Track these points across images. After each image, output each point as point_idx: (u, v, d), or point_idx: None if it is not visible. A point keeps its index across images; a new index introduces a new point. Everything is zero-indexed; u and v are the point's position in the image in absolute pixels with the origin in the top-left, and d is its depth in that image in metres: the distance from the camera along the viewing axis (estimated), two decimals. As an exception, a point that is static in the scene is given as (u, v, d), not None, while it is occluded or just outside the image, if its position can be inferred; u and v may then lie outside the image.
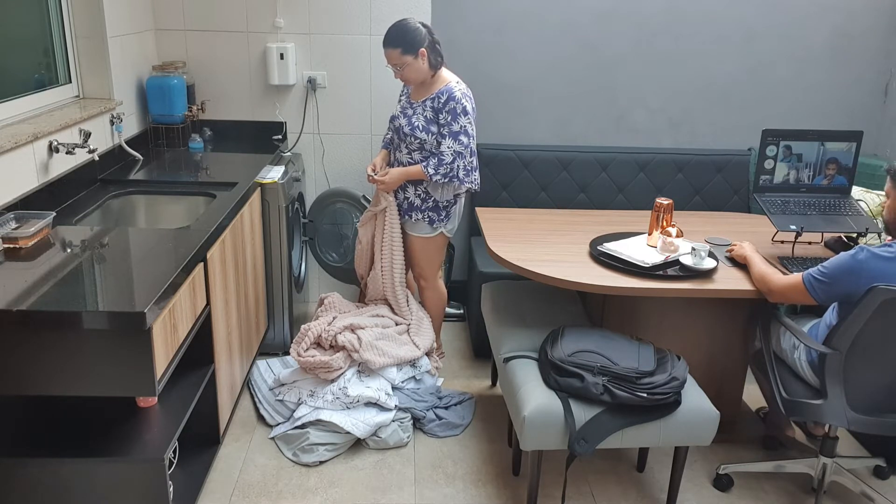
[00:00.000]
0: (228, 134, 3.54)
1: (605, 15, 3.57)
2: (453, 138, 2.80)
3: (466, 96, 2.83)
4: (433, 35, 2.84)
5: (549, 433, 2.18)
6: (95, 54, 2.93)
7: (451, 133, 2.80)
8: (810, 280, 2.20)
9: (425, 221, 2.98)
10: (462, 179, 2.87)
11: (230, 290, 2.55)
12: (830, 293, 2.18)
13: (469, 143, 2.83)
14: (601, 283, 2.38)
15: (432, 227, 2.99)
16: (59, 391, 1.79)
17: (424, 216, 2.97)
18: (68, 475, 1.93)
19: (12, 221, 2.13)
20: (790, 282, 2.27)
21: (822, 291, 2.18)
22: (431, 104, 2.83)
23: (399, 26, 2.78)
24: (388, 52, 2.79)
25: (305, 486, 2.51)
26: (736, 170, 3.66)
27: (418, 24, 2.80)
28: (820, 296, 2.19)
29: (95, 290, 1.81)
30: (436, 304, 3.22)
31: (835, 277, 2.14)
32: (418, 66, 2.80)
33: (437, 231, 3.01)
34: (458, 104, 2.78)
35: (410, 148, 2.92)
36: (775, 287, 2.31)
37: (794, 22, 3.63)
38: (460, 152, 2.81)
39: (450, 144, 2.81)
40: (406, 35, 2.76)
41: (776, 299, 2.34)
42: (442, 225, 3.00)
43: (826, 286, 2.17)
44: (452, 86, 2.82)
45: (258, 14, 3.40)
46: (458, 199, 3.01)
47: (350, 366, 2.78)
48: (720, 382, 2.78)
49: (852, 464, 2.63)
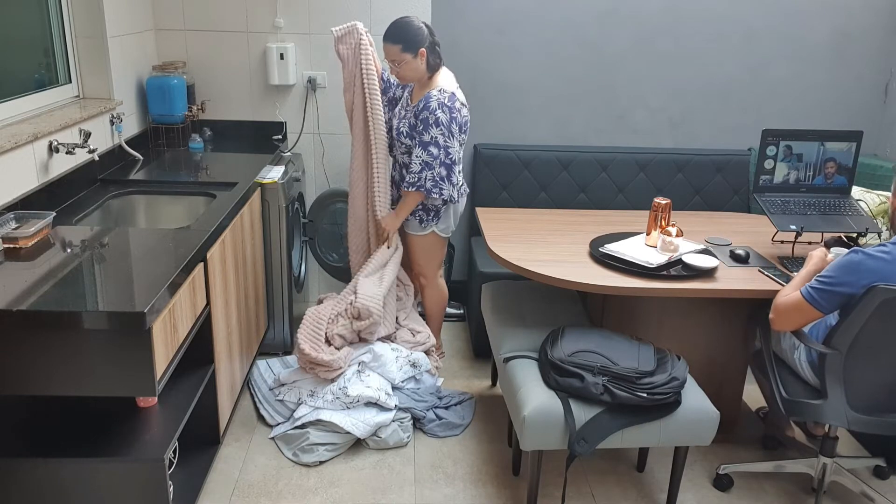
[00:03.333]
0: (228, 134, 3.54)
1: (605, 14, 3.57)
2: (423, 148, 2.79)
3: (445, 106, 2.76)
4: (434, 37, 2.84)
5: (549, 433, 2.18)
6: (95, 54, 2.93)
7: (421, 143, 2.79)
8: (810, 293, 2.15)
9: (416, 220, 2.99)
10: (430, 190, 2.81)
11: (230, 290, 2.55)
12: (833, 300, 2.13)
13: (439, 155, 2.77)
14: (601, 283, 2.38)
15: (421, 225, 2.99)
16: (59, 391, 1.79)
17: (414, 215, 2.98)
18: (68, 475, 1.93)
19: (12, 221, 2.13)
20: (791, 300, 2.20)
21: (824, 300, 2.14)
22: (415, 110, 2.84)
23: (402, 23, 2.78)
24: (387, 48, 2.78)
25: (305, 486, 2.51)
26: (736, 170, 3.66)
27: (421, 23, 2.80)
28: (823, 305, 2.14)
29: (95, 290, 1.81)
30: (436, 303, 3.22)
31: (834, 280, 2.12)
32: (416, 66, 2.80)
33: (427, 230, 3.00)
34: (432, 115, 2.75)
35: (400, 150, 2.95)
36: (780, 307, 2.24)
37: (794, 22, 3.63)
38: (428, 163, 2.78)
39: (418, 154, 2.80)
40: (408, 32, 2.76)
41: (781, 323, 2.25)
42: (432, 224, 2.99)
43: (829, 294, 2.12)
44: (433, 94, 2.79)
45: (258, 14, 3.40)
46: (450, 201, 2.98)
47: (350, 365, 2.79)
48: (720, 382, 2.78)
49: (852, 464, 2.63)
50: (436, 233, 3.02)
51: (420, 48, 2.77)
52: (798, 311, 2.19)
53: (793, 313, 2.21)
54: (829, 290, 2.13)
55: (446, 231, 3.05)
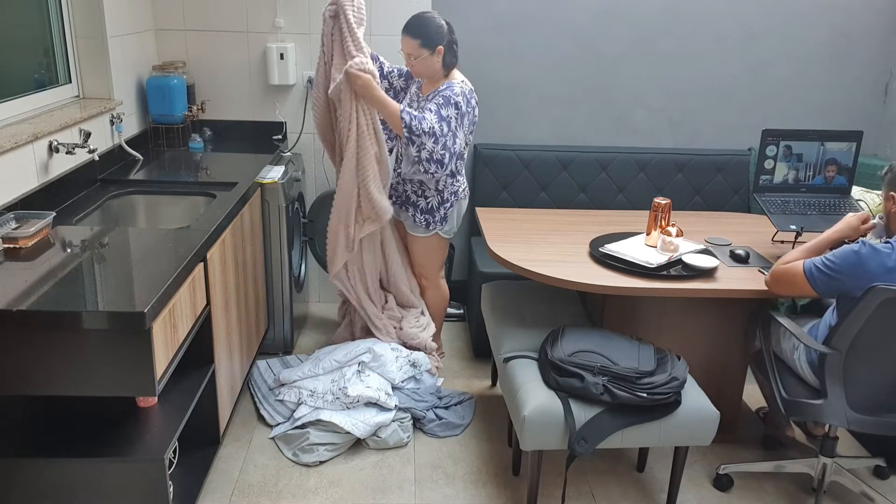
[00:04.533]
0: (228, 134, 3.54)
1: (605, 15, 3.57)
2: (437, 117, 2.68)
3: (464, 95, 2.75)
4: (453, 35, 2.81)
5: (549, 433, 2.18)
6: (95, 54, 2.93)
7: (438, 114, 2.69)
8: (812, 269, 2.15)
9: (422, 225, 2.97)
10: (422, 161, 2.69)
11: (230, 290, 2.55)
12: (831, 286, 2.14)
13: (445, 133, 2.67)
14: (601, 283, 2.38)
15: (428, 228, 2.99)
16: (59, 391, 1.79)
17: (421, 219, 2.96)
18: (68, 475, 1.93)
19: (12, 221, 2.13)
20: (790, 267, 2.22)
21: (822, 283, 2.14)
22: (431, 96, 2.82)
23: (423, 18, 2.75)
24: (405, 40, 2.74)
25: (305, 486, 2.51)
26: (736, 170, 3.66)
27: (443, 20, 2.77)
28: (820, 287, 2.15)
29: (95, 290, 1.81)
30: (437, 303, 3.22)
31: (839, 271, 2.11)
32: (432, 63, 2.77)
33: (431, 232, 3.00)
34: (454, 97, 2.72)
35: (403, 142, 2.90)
36: (776, 268, 2.26)
37: (794, 22, 3.63)
38: (435, 135, 2.66)
39: (432, 119, 2.67)
40: (428, 28, 2.73)
41: (774, 284, 2.28)
42: (438, 227, 2.99)
43: (828, 279, 2.13)
44: (455, 82, 2.79)
45: (258, 14, 3.40)
46: (456, 201, 2.98)
47: (350, 365, 2.79)
48: (720, 382, 2.78)
49: (852, 464, 2.63)
50: (440, 234, 3.02)
51: (438, 45, 2.74)
52: (794, 283, 2.21)
53: (789, 284, 2.23)
54: (829, 276, 2.13)
55: (449, 232, 3.05)
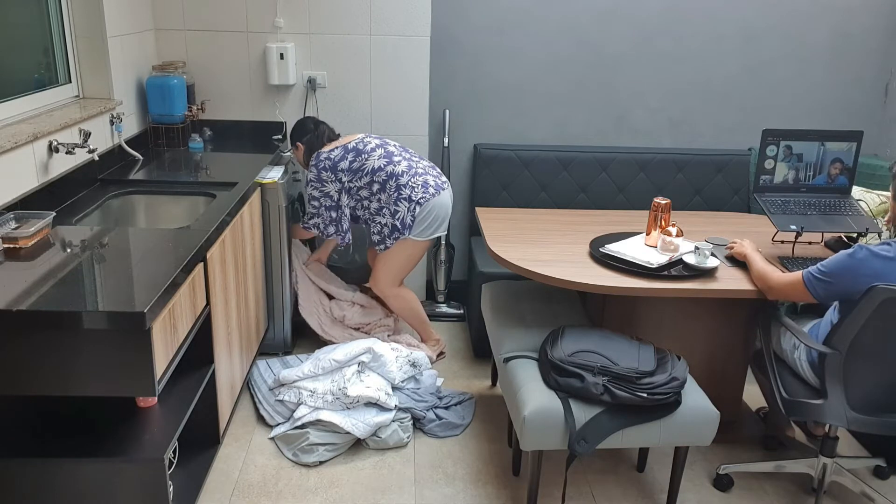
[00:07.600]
0: (228, 134, 3.54)
1: (605, 15, 3.57)
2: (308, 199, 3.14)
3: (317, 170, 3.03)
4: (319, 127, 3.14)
5: (549, 433, 2.18)
6: (95, 54, 2.93)
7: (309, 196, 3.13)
8: (810, 278, 2.20)
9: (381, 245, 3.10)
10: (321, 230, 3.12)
11: (230, 290, 2.55)
12: (830, 291, 2.17)
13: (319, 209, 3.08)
14: (601, 283, 2.38)
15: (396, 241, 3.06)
16: (59, 391, 1.79)
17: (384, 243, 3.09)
18: (68, 475, 1.93)
19: (12, 221, 2.13)
20: (790, 279, 2.27)
21: (821, 289, 2.18)
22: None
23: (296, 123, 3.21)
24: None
25: (305, 486, 2.51)
26: (736, 170, 3.66)
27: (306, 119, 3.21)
28: (820, 294, 2.19)
29: (95, 290, 1.81)
30: (403, 307, 3.25)
31: (834, 276, 2.15)
32: (299, 155, 3.20)
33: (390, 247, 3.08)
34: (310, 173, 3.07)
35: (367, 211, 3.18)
36: (775, 284, 2.31)
37: (794, 22, 3.63)
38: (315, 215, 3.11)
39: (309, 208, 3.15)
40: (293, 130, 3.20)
41: (775, 296, 2.34)
42: (403, 235, 3.03)
43: (825, 284, 2.17)
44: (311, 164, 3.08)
45: (258, 14, 3.40)
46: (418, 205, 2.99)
47: (350, 364, 2.79)
48: (720, 382, 2.78)
49: (852, 464, 2.63)
50: (411, 239, 3.04)
51: (296, 142, 3.16)
52: (795, 289, 2.25)
53: (789, 292, 2.28)
54: (827, 282, 2.17)
55: (422, 234, 3.05)
